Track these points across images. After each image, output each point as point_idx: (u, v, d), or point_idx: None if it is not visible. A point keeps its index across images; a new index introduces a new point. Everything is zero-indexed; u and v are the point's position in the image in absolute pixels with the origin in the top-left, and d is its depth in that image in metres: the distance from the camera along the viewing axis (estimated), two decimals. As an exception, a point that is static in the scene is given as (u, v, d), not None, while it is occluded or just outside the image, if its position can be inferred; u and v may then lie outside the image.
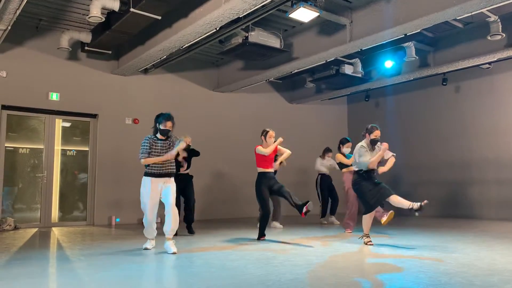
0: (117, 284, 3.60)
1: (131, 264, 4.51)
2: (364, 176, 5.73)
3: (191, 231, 7.10)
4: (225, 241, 6.28)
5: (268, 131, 6.40)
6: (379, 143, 5.83)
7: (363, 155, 5.69)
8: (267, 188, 6.23)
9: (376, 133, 5.79)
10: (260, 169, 6.30)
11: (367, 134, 5.84)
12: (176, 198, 6.05)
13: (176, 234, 6.87)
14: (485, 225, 8.32)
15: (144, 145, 5.29)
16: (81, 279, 3.83)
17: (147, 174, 5.34)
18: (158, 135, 5.38)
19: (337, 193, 9.01)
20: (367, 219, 5.82)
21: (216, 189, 10.54)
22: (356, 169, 5.83)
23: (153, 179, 5.31)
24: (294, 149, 6.62)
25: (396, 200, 5.60)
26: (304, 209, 5.75)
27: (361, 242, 5.88)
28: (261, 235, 6.29)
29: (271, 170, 6.33)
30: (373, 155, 5.70)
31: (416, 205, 5.38)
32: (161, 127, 5.34)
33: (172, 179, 5.47)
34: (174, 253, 5.12)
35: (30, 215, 8.65)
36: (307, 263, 4.45)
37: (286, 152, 6.46)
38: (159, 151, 5.32)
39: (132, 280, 3.81)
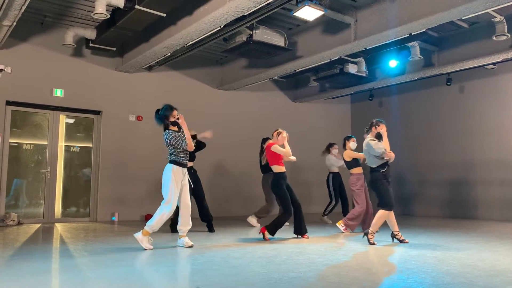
0: (119, 280, 3.61)
1: (134, 260, 4.53)
2: (384, 174, 5.72)
3: (211, 230, 7.10)
4: (227, 239, 6.29)
5: (281, 132, 6.36)
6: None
7: (377, 145, 5.71)
8: (286, 184, 6.31)
9: (382, 127, 5.89)
10: (278, 169, 6.28)
11: (373, 128, 5.92)
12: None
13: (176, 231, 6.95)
14: (488, 225, 8.30)
15: (176, 138, 5.33)
16: (84, 275, 3.84)
17: (175, 163, 5.35)
18: (171, 128, 5.44)
19: (346, 193, 8.83)
20: (383, 217, 5.70)
21: (219, 187, 10.55)
22: (373, 166, 5.78)
23: (180, 168, 5.37)
24: (297, 148, 6.63)
25: (392, 216, 5.85)
26: (304, 236, 6.35)
27: (364, 241, 5.85)
28: (272, 233, 6.14)
29: (285, 169, 6.37)
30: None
31: (370, 238, 5.75)
32: (171, 119, 5.38)
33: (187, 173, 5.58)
34: (191, 246, 5.36)
35: (34, 211, 8.69)
36: (310, 261, 4.45)
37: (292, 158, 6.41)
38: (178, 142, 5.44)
39: (134, 276, 3.82)
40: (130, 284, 3.53)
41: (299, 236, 6.40)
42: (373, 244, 5.66)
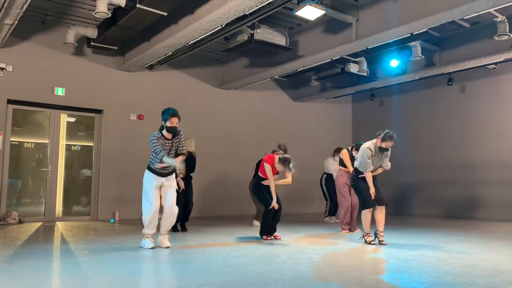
0: (120, 279, 3.61)
1: (135, 259, 4.53)
2: (363, 178, 5.72)
3: (184, 229, 7.16)
4: (228, 238, 6.29)
5: (290, 163, 5.95)
6: (386, 152, 5.71)
7: (366, 161, 5.61)
8: (265, 190, 6.24)
9: (388, 144, 5.57)
10: (261, 175, 6.27)
11: (380, 139, 5.59)
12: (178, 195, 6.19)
13: (177, 230, 6.94)
14: (489, 226, 8.29)
15: (154, 144, 5.06)
16: (85, 273, 3.85)
17: (150, 170, 5.21)
18: (164, 132, 5.14)
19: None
20: (366, 215, 5.71)
21: (220, 186, 10.55)
22: (356, 166, 5.82)
23: (154, 175, 5.20)
24: (298, 147, 6.59)
25: (380, 214, 5.73)
26: (274, 237, 6.19)
27: (363, 241, 5.84)
28: (266, 234, 6.15)
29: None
30: (375, 164, 5.66)
31: (369, 238, 5.72)
32: (168, 124, 5.09)
33: (174, 177, 5.40)
34: (168, 247, 5.17)
35: (35, 209, 8.70)
36: (310, 261, 4.45)
37: (288, 180, 6.19)
38: (166, 149, 5.15)
39: (135, 275, 3.83)
40: (130, 283, 3.53)
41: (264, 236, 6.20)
42: (371, 244, 5.63)
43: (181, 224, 7.15)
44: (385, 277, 3.86)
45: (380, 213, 5.72)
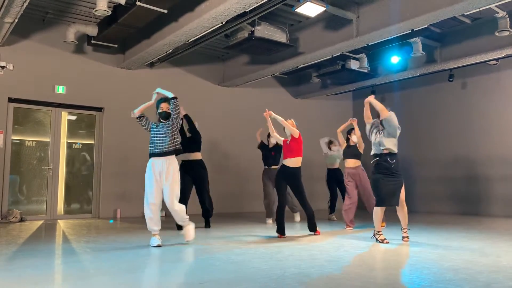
0: (122, 276, 3.62)
1: (137, 257, 4.54)
2: (374, 166, 5.54)
3: (207, 225, 7.19)
4: (229, 235, 6.30)
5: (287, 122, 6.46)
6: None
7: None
8: (285, 183, 6.21)
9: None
10: (282, 161, 6.34)
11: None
12: (187, 187, 6.42)
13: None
14: (491, 222, 8.29)
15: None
16: (87, 271, 3.86)
17: (149, 156, 5.37)
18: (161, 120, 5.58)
19: (342, 190, 8.78)
20: (378, 213, 5.55)
21: (221, 183, 10.55)
22: (376, 152, 5.59)
23: (152, 160, 5.27)
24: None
25: (403, 213, 5.63)
26: (316, 233, 6.35)
27: (366, 237, 5.83)
28: (281, 232, 6.04)
29: (290, 164, 6.20)
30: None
31: (381, 237, 5.55)
32: (159, 111, 5.65)
33: (172, 162, 5.29)
34: (187, 241, 5.38)
35: (36, 207, 8.72)
36: (312, 257, 4.46)
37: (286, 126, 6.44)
38: (160, 134, 5.44)
39: (137, 273, 3.83)
40: (133, 280, 3.54)
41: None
42: (384, 242, 5.49)
43: (205, 221, 7.19)
44: (386, 273, 3.86)
45: (401, 211, 5.60)
